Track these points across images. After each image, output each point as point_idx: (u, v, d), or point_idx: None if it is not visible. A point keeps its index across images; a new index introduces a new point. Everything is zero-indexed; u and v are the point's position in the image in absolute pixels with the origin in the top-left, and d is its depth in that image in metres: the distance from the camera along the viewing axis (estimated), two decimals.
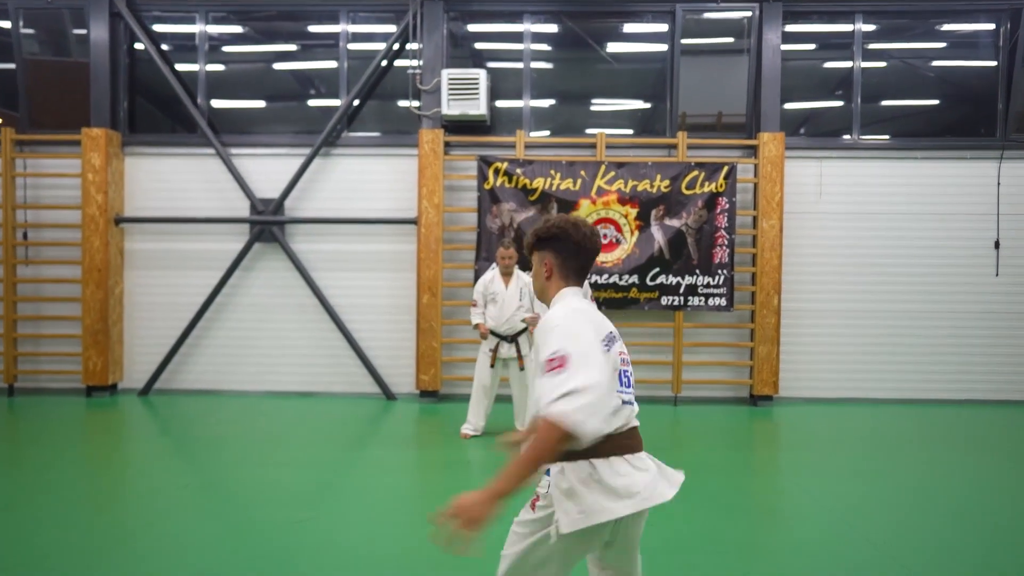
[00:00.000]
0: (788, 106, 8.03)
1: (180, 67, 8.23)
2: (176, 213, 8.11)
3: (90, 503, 4.57)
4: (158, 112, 8.55)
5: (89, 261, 7.85)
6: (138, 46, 8.17)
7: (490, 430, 6.42)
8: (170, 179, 8.17)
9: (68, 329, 8.08)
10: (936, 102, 8.31)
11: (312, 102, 8.45)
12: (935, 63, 8.28)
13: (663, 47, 8.09)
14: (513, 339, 6.21)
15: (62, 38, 8.30)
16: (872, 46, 8.08)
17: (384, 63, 8.05)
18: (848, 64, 8.06)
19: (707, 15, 7.97)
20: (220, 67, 8.34)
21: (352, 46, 8.14)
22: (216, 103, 8.30)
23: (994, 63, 8.05)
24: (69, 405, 7.57)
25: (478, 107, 7.59)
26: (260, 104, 8.50)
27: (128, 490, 4.94)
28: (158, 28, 8.23)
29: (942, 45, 8.26)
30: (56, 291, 8.10)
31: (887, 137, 8.12)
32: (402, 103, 8.05)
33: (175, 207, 8.13)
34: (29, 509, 4.38)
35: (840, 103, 8.16)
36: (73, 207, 7.98)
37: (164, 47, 8.23)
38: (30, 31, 8.20)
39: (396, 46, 8.00)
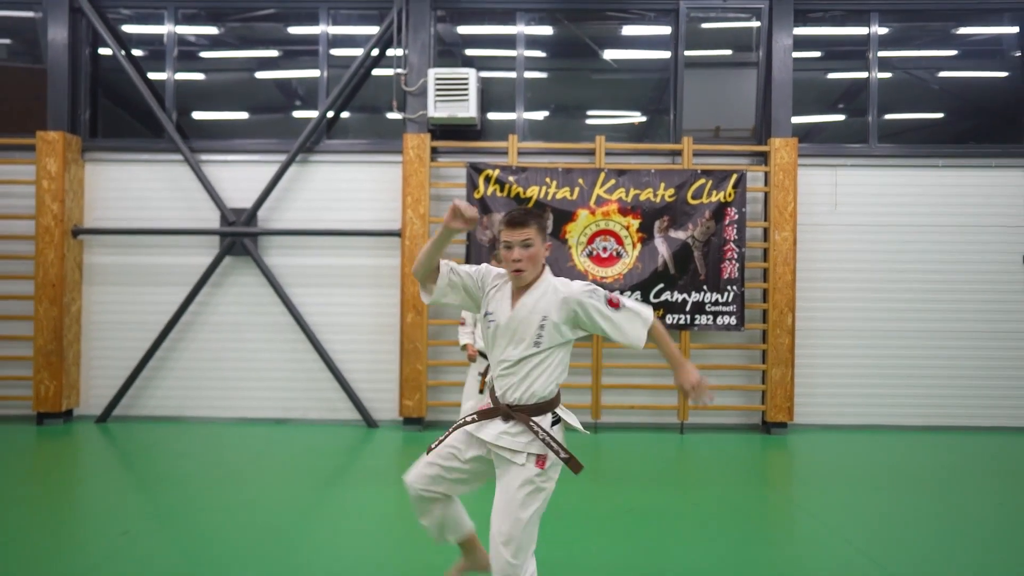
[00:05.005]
0: (798, 119, 7.43)
1: (147, 68, 7.67)
2: (140, 224, 7.50)
3: (20, 551, 3.88)
4: (123, 116, 7.94)
5: (43, 276, 7.20)
6: (104, 51, 7.60)
7: None
8: (134, 187, 7.58)
9: (18, 350, 7.40)
10: (957, 109, 7.80)
11: (289, 106, 7.89)
12: (955, 69, 7.80)
13: (666, 54, 7.57)
14: None
15: (34, 46, 7.73)
16: (888, 53, 7.57)
17: (367, 65, 7.50)
18: (863, 74, 7.57)
19: (713, 24, 7.49)
20: (191, 69, 7.78)
21: (334, 51, 7.60)
22: (185, 107, 7.72)
23: (1019, 69, 7.59)
24: (17, 434, 6.88)
25: (467, 109, 7.03)
26: (233, 108, 7.93)
27: (65, 535, 4.23)
28: (125, 29, 7.69)
29: (962, 50, 7.77)
30: (5, 308, 7.43)
31: (906, 144, 7.59)
32: (390, 116, 7.48)
33: (139, 217, 7.52)
34: None
35: (853, 113, 7.66)
36: (26, 217, 7.35)
37: (132, 49, 7.68)
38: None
39: (380, 48, 7.47)
